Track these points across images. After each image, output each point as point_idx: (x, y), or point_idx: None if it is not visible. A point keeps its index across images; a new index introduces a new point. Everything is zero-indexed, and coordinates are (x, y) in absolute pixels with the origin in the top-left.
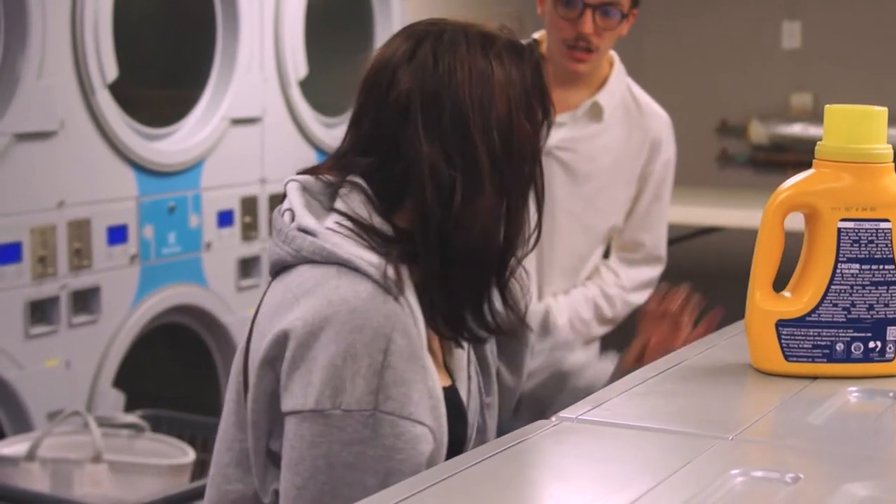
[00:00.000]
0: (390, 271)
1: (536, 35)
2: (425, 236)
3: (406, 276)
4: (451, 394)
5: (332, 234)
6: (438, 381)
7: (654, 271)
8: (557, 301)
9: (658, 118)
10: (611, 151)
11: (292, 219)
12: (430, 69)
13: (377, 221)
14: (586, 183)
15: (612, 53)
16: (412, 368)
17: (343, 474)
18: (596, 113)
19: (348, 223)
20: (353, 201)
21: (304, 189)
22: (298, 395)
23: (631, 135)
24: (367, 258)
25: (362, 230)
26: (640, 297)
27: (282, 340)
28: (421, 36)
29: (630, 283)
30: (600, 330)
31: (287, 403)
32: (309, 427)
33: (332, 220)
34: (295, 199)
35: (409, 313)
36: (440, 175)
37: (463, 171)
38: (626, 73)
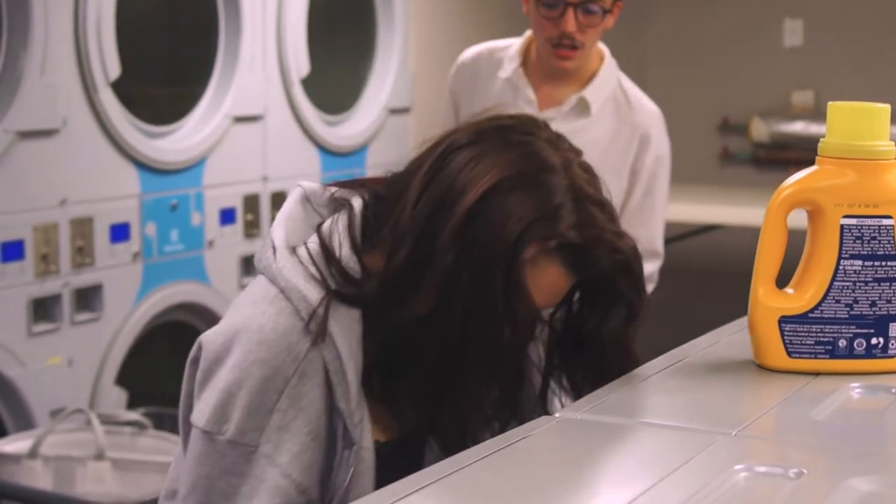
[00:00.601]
0: (320, 311)
1: (528, 33)
2: (379, 287)
3: (352, 321)
4: (401, 446)
5: (288, 257)
6: (368, 434)
7: (652, 266)
8: None
9: (648, 113)
10: (598, 145)
11: None
12: (480, 139)
13: (345, 254)
14: None
15: (603, 48)
16: (302, 419)
17: (217, 501)
18: (583, 108)
19: (318, 248)
20: (337, 226)
21: (306, 199)
22: (199, 409)
23: (620, 129)
24: (305, 292)
25: (324, 260)
26: None
27: (201, 347)
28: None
29: None
30: None
31: (193, 414)
32: (199, 444)
33: (309, 239)
34: (284, 208)
35: (332, 359)
36: (403, 228)
37: (417, 241)
38: (617, 67)
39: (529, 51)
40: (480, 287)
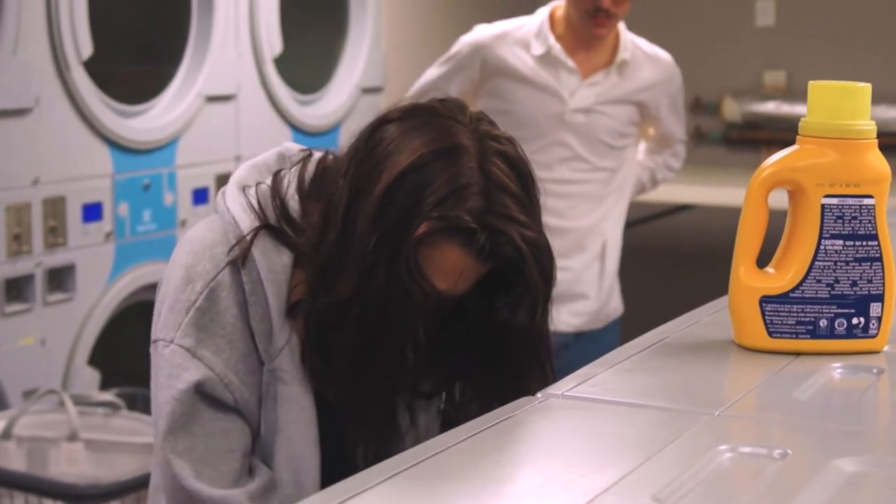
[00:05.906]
0: (247, 238)
1: (544, 10)
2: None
3: (280, 256)
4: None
5: (235, 191)
6: (290, 362)
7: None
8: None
9: (664, 57)
10: (642, 92)
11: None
12: (407, 116)
13: (290, 193)
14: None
15: None
16: (219, 321)
17: (154, 399)
18: (623, 67)
19: (268, 188)
20: (291, 170)
21: (282, 154)
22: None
23: (650, 75)
24: (238, 219)
25: (269, 196)
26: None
27: None
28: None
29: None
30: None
31: None
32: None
33: (267, 180)
34: (258, 157)
35: (250, 281)
36: (335, 200)
37: (343, 222)
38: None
39: (555, 25)
40: (392, 268)
